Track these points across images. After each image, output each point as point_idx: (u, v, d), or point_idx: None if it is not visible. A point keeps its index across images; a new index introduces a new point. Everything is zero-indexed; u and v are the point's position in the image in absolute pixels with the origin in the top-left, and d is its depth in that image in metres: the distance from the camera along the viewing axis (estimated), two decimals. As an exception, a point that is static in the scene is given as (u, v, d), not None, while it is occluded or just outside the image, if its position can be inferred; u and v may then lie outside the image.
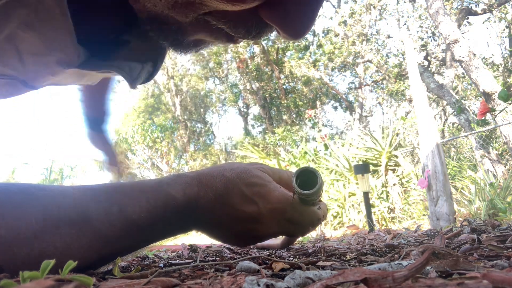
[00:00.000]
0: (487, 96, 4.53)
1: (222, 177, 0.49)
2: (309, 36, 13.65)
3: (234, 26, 0.37)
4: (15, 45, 0.41)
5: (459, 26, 6.75)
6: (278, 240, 0.72)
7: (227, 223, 0.50)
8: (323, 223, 4.06)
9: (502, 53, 9.81)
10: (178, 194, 0.47)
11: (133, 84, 0.51)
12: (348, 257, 0.52)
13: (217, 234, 0.53)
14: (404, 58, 8.87)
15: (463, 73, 8.54)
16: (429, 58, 8.91)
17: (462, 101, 7.45)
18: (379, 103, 13.47)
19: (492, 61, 9.57)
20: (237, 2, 0.33)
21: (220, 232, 0.52)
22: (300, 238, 2.37)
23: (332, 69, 12.70)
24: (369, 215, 2.32)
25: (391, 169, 4.21)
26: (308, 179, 0.51)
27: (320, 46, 11.93)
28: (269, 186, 0.50)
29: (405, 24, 10.56)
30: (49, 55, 0.44)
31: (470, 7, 7.61)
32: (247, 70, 13.16)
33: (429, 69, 8.45)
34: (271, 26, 0.38)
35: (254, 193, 0.49)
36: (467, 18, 7.76)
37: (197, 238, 3.17)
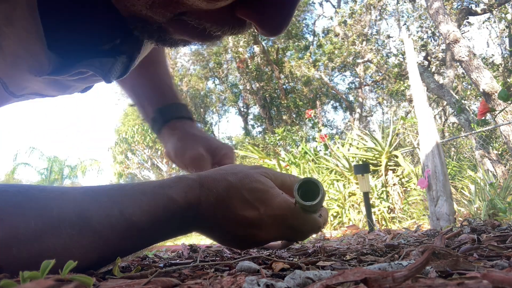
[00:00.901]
0: (487, 96, 4.53)
1: (224, 181, 0.49)
2: (309, 36, 13.67)
3: (211, 25, 0.38)
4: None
5: (459, 26, 6.75)
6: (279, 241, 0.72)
7: (227, 227, 0.50)
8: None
9: (502, 53, 9.81)
10: (179, 197, 0.46)
11: (106, 78, 0.50)
12: (348, 257, 0.52)
13: (217, 237, 0.53)
14: (404, 58, 8.87)
15: (463, 73, 8.54)
16: (429, 58, 8.91)
17: (462, 101, 7.45)
18: (379, 103, 13.47)
19: (492, 61, 9.56)
20: (212, 1, 0.34)
21: (220, 236, 0.52)
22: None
23: (332, 69, 12.71)
24: (369, 215, 2.32)
25: (391, 169, 4.21)
26: (310, 188, 0.50)
27: (320, 46, 11.94)
28: (271, 192, 0.50)
29: (405, 24, 10.56)
30: (23, 59, 0.44)
31: (470, 7, 7.61)
32: (247, 70, 13.16)
33: (429, 69, 8.45)
34: (249, 25, 0.38)
35: (255, 199, 0.49)
36: (467, 18, 7.75)
37: (197, 238, 3.17)
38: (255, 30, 0.38)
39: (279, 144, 7.86)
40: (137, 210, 0.43)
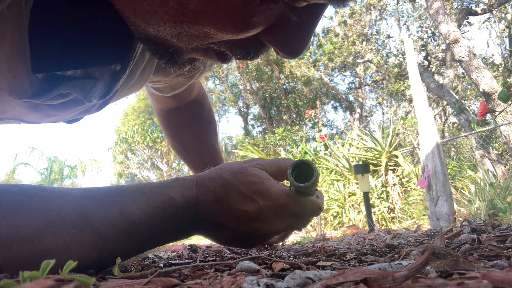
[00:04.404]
0: (487, 96, 4.54)
1: (219, 179, 0.49)
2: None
3: (235, 49, 0.40)
4: None
5: (459, 26, 6.75)
6: None
7: (230, 224, 0.49)
8: (323, 223, 4.05)
9: (502, 53, 9.81)
10: (177, 196, 0.47)
11: (87, 97, 0.50)
12: (348, 257, 0.52)
13: (222, 238, 0.52)
14: (404, 58, 8.87)
15: (463, 73, 8.54)
16: (429, 58, 8.91)
17: (462, 101, 7.45)
18: (379, 103, 13.47)
19: (492, 61, 9.57)
20: (241, 33, 0.36)
21: (224, 235, 0.51)
22: (300, 239, 2.37)
23: (332, 69, 12.71)
24: (369, 215, 2.32)
25: (391, 169, 4.20)
26: (304, 170, 0.50)
27: (320, 46, 11.94)
28: (267, 184, 0.50)
29: (405, 24, 10.56)
30: (6, 78, 0.43)
31: (470, 7, 7.61)
32: (247, 70, 13.16)
33: (429, 69, 8.45)
34: (269, 46, 0.41)
35: (252, 192, 0.49)
36: (467, 18, 7.75)
37: (197, 238, 3.17)
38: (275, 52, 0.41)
39: (279, 144, 7.86)
40: (136, 209, 0.43)
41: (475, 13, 7.55)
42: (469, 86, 9.79)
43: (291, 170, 0.50)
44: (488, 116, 4.97)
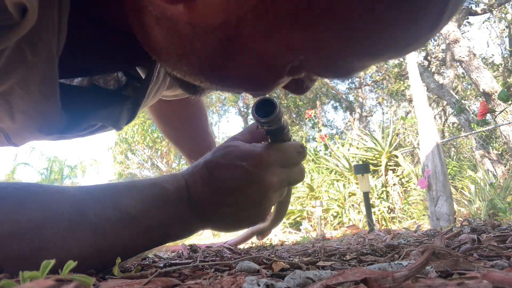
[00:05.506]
0: (487, 96, 4.54)
1: (201, 164, 0.51)
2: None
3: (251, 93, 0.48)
4: (9, 100, 0.44)
5: (459, 26, 6.75)
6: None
7: (227, 200, 0.49)
8: (323, 223, 4.06)
9: (502, 53, 9.81)
10: (168, 184, 0.49)
11: (116, 126, 0.54)
12: (348, 257, 0.52)
13: (226, 220, 0.52)
14: (404, 58, 8.86)
15: (463, 73, 8.54)
16: (429, 58, 8.91)
17: (462, 101, 7.46)
18: (379, 103, 13.48)
19: (492, 61, 9.57)
20: (262, 93, 0.44)
21: (228, 215, 0.51)
22: (300, 239, 2.36)
23: (332, 69, 12.68)
24: (369, 215, 2.32)
25: (391, 169, 4.20)
26: (269, 110, 0.50)
27: (320, 46, 11.91)
28: (243, 147, 0.51)
29: (405, 24, 10.55)
30: (34, 120, 0.47)
31: (470, 7, 7.60)
32: (247, 70, 13.15)
33: (429, 69, 8.45)
34: None
35: (232, 159, 0.50)
36: (467, 18, 7.75)
37: (197, 238, 3.17)
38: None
39: (279, 144, 7.85)
40: (130, 200, 0.45)
41: (475, 13, 7.55)
42: (469, 86, 9.79)
43: (255, 109, 0.49)
44: (488, 116, 4.97)
